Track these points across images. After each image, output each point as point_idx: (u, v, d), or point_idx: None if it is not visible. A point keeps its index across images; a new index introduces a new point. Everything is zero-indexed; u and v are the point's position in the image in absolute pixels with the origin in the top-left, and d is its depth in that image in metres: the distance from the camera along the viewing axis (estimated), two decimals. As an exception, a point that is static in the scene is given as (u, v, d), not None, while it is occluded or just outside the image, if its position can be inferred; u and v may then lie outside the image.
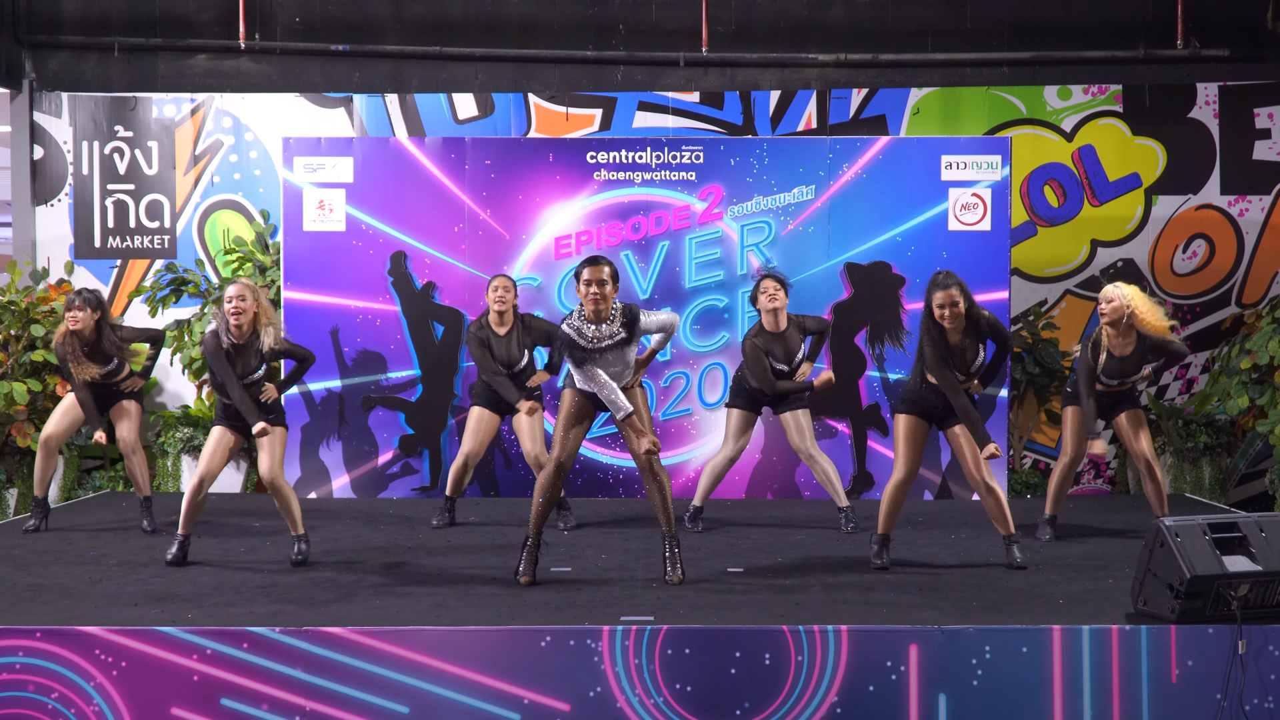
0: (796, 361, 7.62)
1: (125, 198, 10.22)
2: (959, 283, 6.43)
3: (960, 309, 6.38)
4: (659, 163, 9.24)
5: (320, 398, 9.26)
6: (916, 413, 6.57)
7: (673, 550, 6.33)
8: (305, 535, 6.93)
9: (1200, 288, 10.08)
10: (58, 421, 7.76)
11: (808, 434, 7.65)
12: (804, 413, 7.67)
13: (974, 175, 9.13)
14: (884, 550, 6.66)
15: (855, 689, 5.20)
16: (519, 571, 6.30)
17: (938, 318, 6.43)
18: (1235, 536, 5.33)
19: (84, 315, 7.51)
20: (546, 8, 10.36)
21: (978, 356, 6.50)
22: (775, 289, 7.57)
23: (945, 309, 6.40)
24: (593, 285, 6.09)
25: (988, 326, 6.51)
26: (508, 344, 7.75)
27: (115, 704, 5.20)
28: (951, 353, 6.45)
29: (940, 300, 6.41)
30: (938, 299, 6.42)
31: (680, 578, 6.26)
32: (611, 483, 9.24)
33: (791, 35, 10.33)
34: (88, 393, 7.59)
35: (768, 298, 7.56)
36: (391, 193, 9.22)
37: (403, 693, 5.20)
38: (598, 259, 6.16)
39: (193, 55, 10.39)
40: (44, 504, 7.87)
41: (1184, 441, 9.56)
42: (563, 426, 6.28)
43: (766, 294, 7.57)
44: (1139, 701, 5.19)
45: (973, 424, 6.37)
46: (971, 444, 6.50)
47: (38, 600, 5.89)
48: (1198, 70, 10.17)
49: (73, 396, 7.72)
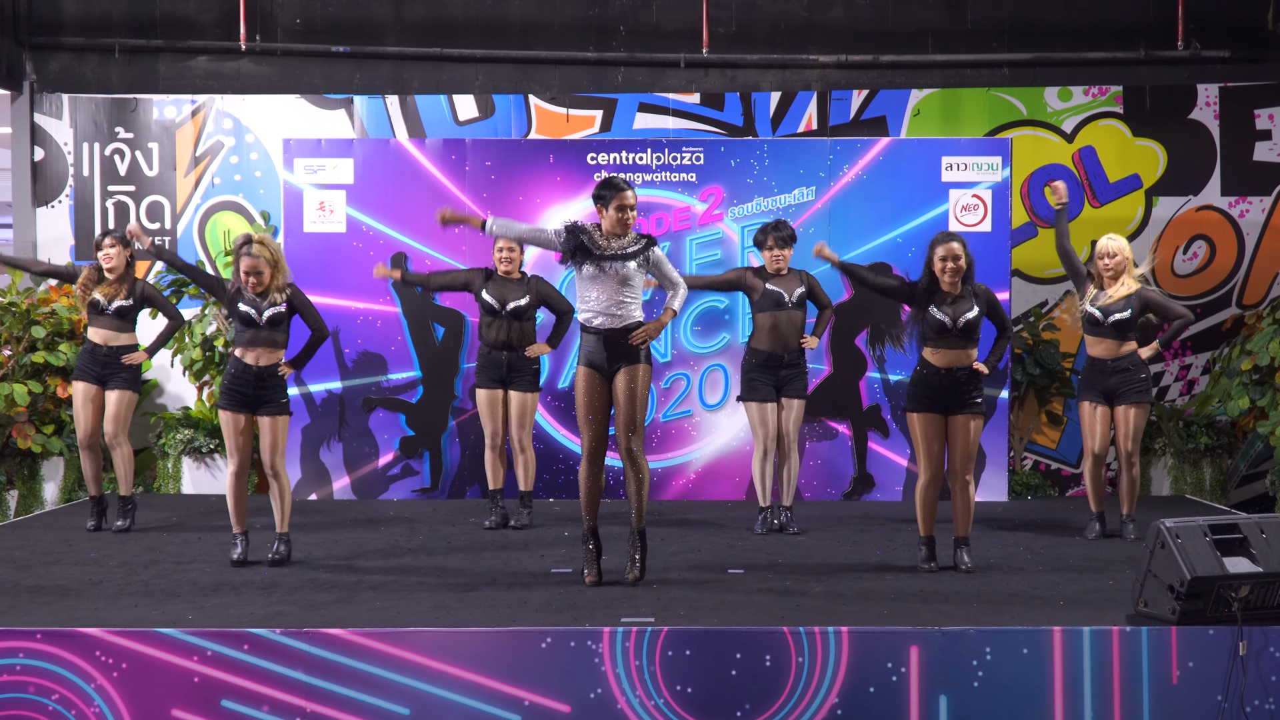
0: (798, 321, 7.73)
1: (126, 199, 10.23)
2: (963, 242, 6.51)
3: (962, 264, 6.47)
4: (659, 164, 9.24)
5: (321, 399, 9.26)
6: (926, 408, 6.58)
7: (636, 546, 6.30)
8: (288, 536, 6.93)
9: (1201, 289, 10.08)
10: (82, 419, 7.89)
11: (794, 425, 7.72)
12: (801, 404, 7.74)
13: (974, 176, 9.13)
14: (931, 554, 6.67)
15: (856, 690, 5.20)
16: (585, 572, 6.30)
17: (938, 270, 6.48)
18: (1236, 538, 5.33)
19: (115, 252, 7.77)
20: (547, 9, 10.36)
21: (970, 312, 6.49)
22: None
23: (948, 261, 6.45)
24: (625, 212, 6.18)
25: (984, 300, 6.57)
26: (505, 285, 7.91)
27: (116, 705, 5.20)
28: (943, 297, 6.48)
29: (943, 254, 6.48)
30: (940, 251, 6.49)
31: (637, 577, 6.24)
32: (612, 484, 9.24)
33: (792, 36, 10.33)
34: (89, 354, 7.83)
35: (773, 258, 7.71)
36: (392, 194, 9.23)
37: (403, 694, 5.20)
38: (619, 184, 6.21)
39: (193, 57, 10.39)
40: (100, 500, 8.04)
41: (1184, 443, 9.56)
42: (584, 409, 6.23)
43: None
44: (1140, 703, 5.19)
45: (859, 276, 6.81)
46: (965, 437, 6.50)
47: (38, 601, 5.89)
48: (1198, 71, 10.17)
49: (80, 388, 7.85)
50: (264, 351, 6.78)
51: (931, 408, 6.58)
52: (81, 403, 7.90)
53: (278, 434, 6.83)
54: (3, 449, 9.42)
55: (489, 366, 7.96)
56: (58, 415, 9.48)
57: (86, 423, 7.90)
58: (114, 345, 7.87)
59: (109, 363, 7.86)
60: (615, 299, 6.19)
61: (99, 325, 7.88)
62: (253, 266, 6.69)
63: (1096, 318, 7.40)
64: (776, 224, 7.78)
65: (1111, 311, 7.37)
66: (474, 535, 7.78)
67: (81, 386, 7.90)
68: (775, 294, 7.66)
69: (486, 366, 7.97)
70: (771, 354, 7.68)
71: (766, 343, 7.69)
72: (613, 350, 6.21)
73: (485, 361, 7.97)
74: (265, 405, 6.82)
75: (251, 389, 6.78)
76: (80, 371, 7.91)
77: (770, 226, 7.76)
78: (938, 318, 6.51)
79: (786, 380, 7.72)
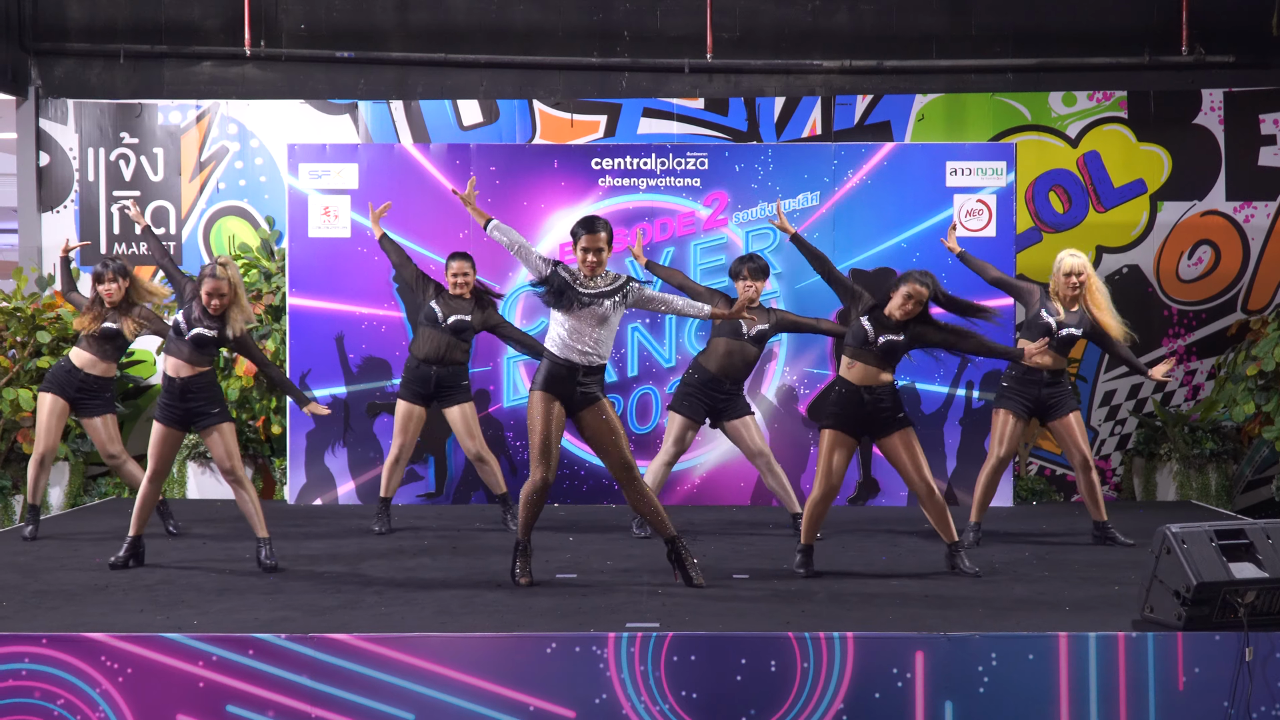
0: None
1: (131, 204, 10.23)
2: (935, 284, 6.47)
3: (915, 311, 6.43)
4: (663, 169, 9.25)
5: (325, 404, 9.25)
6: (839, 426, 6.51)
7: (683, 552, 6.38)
8: (269, 539, 6.93)
9: (1206, 294, 10.07)
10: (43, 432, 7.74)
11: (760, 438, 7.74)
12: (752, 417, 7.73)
13: (979, 181, 9.13)
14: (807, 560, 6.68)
15: (861, 696, 5.19)
16: (515, 573, 6.36)
17: (898, 303, 6.43)
18: (1242, 543, 5.32)
19: (115, 287, 7.59)
20: (551, 15, 10.37)
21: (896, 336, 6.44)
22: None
23: (910, 302, 6.43)
24: (589, 254, 6.19)
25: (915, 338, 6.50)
26: (454, 301, 7.92)
27: (121, 710, 5.20)
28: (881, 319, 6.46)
29: (908, 291, 6.42)
30: (905, 289, 6.43)
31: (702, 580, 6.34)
32: (615, 490, 9.23)
33: (796, 42, 10.33)
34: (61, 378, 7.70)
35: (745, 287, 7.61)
36: (396, 199, 9.21)
37: (408, 699, 5.20)
38: (594, 223, 6.22)
39: (198, 62, 10.41)
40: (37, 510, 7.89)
41: (1190, 448, 9.55)
42: (541, 437, 6.24)
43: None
44: (1145, 709, 5.18)
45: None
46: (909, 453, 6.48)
47: (44, 607, 5.89)
48: (1203, 76, 10.16)
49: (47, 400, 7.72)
50: (184, 365, 6.74)
51: (845, 427, 6.49)
52: (47, 415, 7.72)
53: (227, 441, 6.80)
54: (8, 454, 9.43)
55: (415, 380, 7.94)
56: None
57: (48, 437, 7.73)
58: (91, 373, 7.70)
59: (84, 388, 7.72)
60: (592, 336, 6.22)
61: (83, 348, 7.70)
62: (215, 289, 6.69)
63: (1050, 327, 7.34)
64: (751, 256, 7.75)
65: (1066, 325, 7.37)
66: (478, 540, 7.78)
67: (49, 398, 7.72)
68: (735, 323, 7.61)
69: (413, 380, 7.95)
70: (715, 378, 7.63)
71: (715, 366, 7.63)
72: (580, 386, 6.23)
73: (412, 375, 7.96)
74: (200, 419, 6.78)
75: (179, 402, 6.75)
76: (52, 385, 7.72)
77: (745, 258, 7.70)
78: (865, 328, 6.46)
79: (725, 405, 7.66)
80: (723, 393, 7.64)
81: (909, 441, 6.50)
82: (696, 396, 7.65)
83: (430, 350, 7.90)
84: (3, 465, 9.41)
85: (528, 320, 9.18)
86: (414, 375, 7.95)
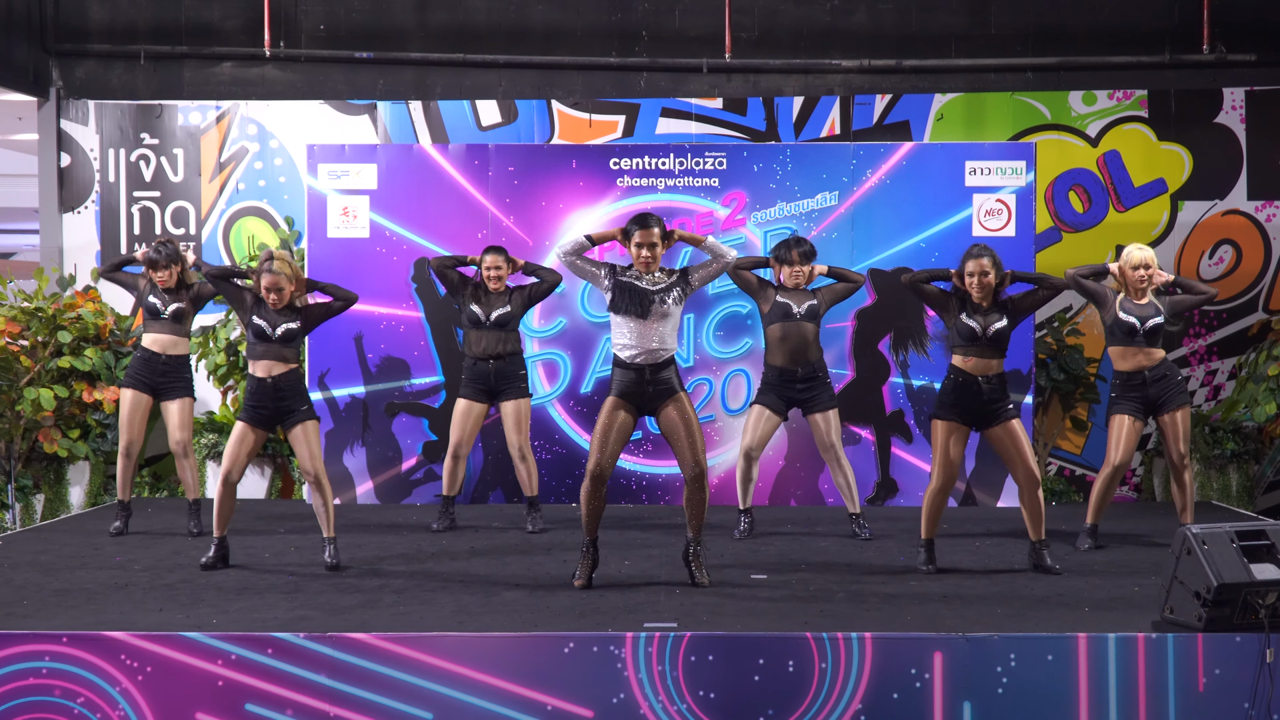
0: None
1: (151, 205, 10.28)
2: (993, 255, 6.56)
3: (990, 280, 6.52)
4: (682, 169, 9.24)
5: (344, 404, 9.29)
6: (952, 417, 6.57)
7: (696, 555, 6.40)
8: (336, 539, 6.95)
9: (1227, 294, 10.02)
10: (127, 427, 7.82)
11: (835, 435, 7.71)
12: (831, 413, 7.70)
13: (998, 181, 9.10)
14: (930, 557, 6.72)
15: (879, 696, 5.18)
16: (575, 575, 6.38)
17: (966, 285, 6.56)
18: (1263, 544, 5.30)
19: (168, 274, 7.76)
20: (570, 15, 10.38)
21: (999, 323, 6.53)
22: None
23: (975, 276, 6.54)
24: (644, 249, 6.20)
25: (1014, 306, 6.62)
26: (490, 297, 7.94)
27: (140, 709, 5.23)
28: (974, 308, 6.55)
29: (971, 269, 6.55)
30: (969, 266, 6.56)
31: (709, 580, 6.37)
32: (634, 489, 9.24)
33: (815, 41, 10.32)
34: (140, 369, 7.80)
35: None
36: (415, 199, 9.25)
37: (426, 698, 5.21)
38: (647, 219, 6.25)
39: (218, 63, 10.45)
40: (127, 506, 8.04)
41: (1211, 449, 9.50)
42: (603, 429, 6.26)
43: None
44: (1165, 710, 5.16)
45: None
46: (1015, 444, 6.51)
47: (64, 605, 5.92)
48: (1224, 75, 10.11)
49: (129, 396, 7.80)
50: (274, 364, 6.78)
51: (958, 417, 6.57)
52: (129, 410, 7.80)
53: (311, 440, 6.85)
54: (29, 453, 9.48)
55: (475, 379, 7.97)
56: (84, 420, 9.54)
57: (130, 430, 7.81)
58: (172, 354, 7.81)
59: (167, 371, 7.80)
60: (655, 333, 6.23)
61: (155, 331, 7.80)
62: (273, 283, 6.72)
63: (1134, 327, 7.19)
64: (798, 239, 7.76)
65: (1148, 319, 7.24)
66: (497, 540, 7.79)
67: (130, 394, 7.80)
68: (783, 305, 7.63)
69: (472, 379, 7.97)
70: (785, 368, 7.64)
71: (779, 357, 7.65)
72: (651, 386, 6.25)
73: (470, 374, 7.98)
74: (290, 416, 6.83)
75: (271, 403, 6.79)
76: (132, 379, 7.81)
77: (793, 241, 7.72)
78: (969, 325, 6.52)
79: (806, 395, 7.67)
80: (799, 382, 7.65)
81: (1016, 432, 6.56)
82: (773, 392, 7.70)
83: (482, 348, 7.93)
84: (24, 465, 9.46)
85: (545, 320, 9.20)
86: (472, 374, 7.97)
